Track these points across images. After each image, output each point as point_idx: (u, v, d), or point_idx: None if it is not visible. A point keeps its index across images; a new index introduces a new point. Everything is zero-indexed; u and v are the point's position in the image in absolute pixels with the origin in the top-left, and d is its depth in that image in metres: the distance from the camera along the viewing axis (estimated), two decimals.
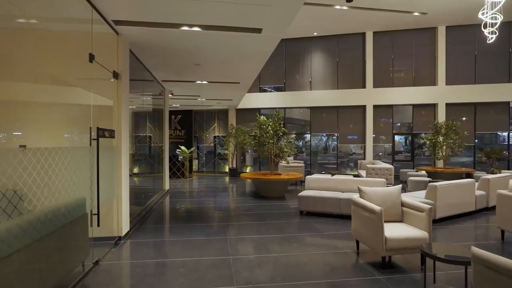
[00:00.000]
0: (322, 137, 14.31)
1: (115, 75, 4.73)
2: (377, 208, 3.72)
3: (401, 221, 4.25)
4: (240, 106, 13.91)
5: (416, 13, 11.08)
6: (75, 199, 3.33)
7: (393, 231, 3.77)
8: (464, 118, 12.45)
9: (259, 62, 6.39)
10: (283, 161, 9.17)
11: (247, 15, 4.15)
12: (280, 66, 13.90)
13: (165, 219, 6.51)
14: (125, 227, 4.97)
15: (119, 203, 4.83)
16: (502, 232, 4.95)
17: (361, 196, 4.32)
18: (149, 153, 8.47)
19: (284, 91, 14.00)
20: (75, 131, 4.08)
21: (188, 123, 14.60)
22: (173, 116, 14.35)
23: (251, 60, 6.26)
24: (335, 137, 14.40)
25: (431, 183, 5.94)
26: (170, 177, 10.45)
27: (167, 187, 9.77)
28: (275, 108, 13.94)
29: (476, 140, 12.57)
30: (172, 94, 10.08)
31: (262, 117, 9.05)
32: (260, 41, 5.03)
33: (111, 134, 4.31)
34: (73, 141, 4.03)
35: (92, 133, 3.76)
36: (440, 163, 11.79)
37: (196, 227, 5.60)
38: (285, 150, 8.91)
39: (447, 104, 12.28)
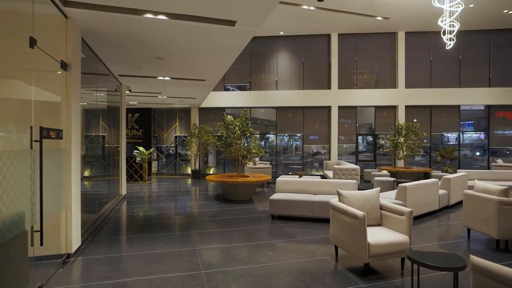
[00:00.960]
0: (284, 137, 14.22)
1: (64, 65, 4.05)
2: (359, 213, 3.53)
3: (379, 224, 4.12)
4: (203, 105, 13.35)
5: (379, 18, 11.39)
6: (9, 215, 2.68)
7: (375, 236, 3.60)
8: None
9: (229, 58, 5.99)
10: (251, 162, 8.84)
11: (221, 5, 3.75)
12: (245, 65, 13.58)
13: (123, 229, 5.85)
14: (75, 242, 4.28)
15: (69, 214, 4.15)
16: (468, 230, 5.09)
17: (340, 200, 4.12)
18: (103, 154, 7.65)
19: (250, 90, 13.71)
20: (12, 130, 3.37)
21: (146, 122, 13.69)
22: (130, 115, 13.36)
23: (221, 56, 5.83)
24: (297, 137, 14.43)
25: (401, 184, 5.98)
26: (127, 180, 9.62)
27: (124, 191, 8.96)
28: (240, 107, 13.60)
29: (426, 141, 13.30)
30: (129, 90, 9.28)
31: (229, 116, 8.64)
32: (233, 35, 4.64)
33: (58, 134, 3.65)
34: (9, 143, 3.32)
35: (35, 134, 3.11)
36: (400, 163, 12.28)
37: (159, 237, 5.05)
38: (254, 151, 8.59)
39: (406, 106, 12.83)
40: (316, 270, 3.80)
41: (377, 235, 3.63)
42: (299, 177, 10.12)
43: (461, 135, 13.27)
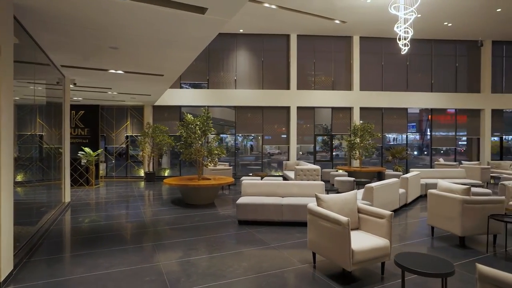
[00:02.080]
0: (238, 137, 13.90)
1: None
2: (343, 219, 3.35)
3: (357, 228, 4.00)
4: (158, 103, 12.49)
5: (337, 21, 11.64)
6: None
7: (357, 241, 3.45)
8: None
9: (194, 52, 5.49)
10: (212, 164, 8.37)
11: None
12: (203, 62, 13.00)
13: (68, 244, 5.04)
14: (6, 267, 3.49)
15: None
16: (432, 228, 5.26)
17: (319, 205, 3.91)
18: (41, 156, 6.62)
19: (208, 88, 13.17)
20: None
21: (93, 121, 12.40)
22: (73, 112, 11.97)
23: (185, 49, 5.31)
24: (251, 137, 14.24)
25: (367, 185, 6.03)
26: (71, 185, 8.51)
27: (67, 198, 7.90)
28: (197, 106, 13.02)
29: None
30: (74, 84, 8.21)
31: (189, 115, 8.08)
32: (202, 24, 4.18)
33: None
34: None
35: None
36: (355, 163, 12.72)
37: (114, 253, 4.40)
38: (216, 152, 8.14)
39: (361, 108, 13.34)
40: (296, 281, 3.55)
41: (359, 241, 3.48)
42: (261, 179, 9.93)
43: (406, 136, 14.20)
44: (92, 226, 5.86)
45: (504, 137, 14.82)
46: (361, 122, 12.60)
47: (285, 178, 11.27)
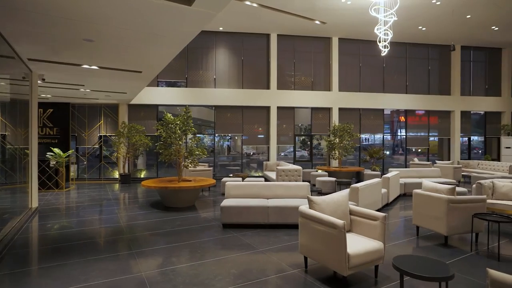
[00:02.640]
0: (215, 137, 13.60)
1: None
2: (339, 222, 3.24)
3: (349, 230, 3.93)
4: (134, 102, 11.95)
5: (317, 22, 11.67)
6: None
7: (352, 245, 3.36)
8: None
9: (176, 47, 5.20)
10: (192, 165, 8.05)
11: None
12: (181, 60, 12.61)
13: (36, 256, 4.59)
14: None
15: None
16: (417, 228, 5.31)
17: (311, 207, 3.79)
18: (3, 157, 6.07)
19: (186, 87, 12.79)
20: None
21: (63, 120, 11.66)
22: (41, 110, 11.18)
23: (167, 44, 5.01)
24: (228, 137, 14.02)
25: (353, 185, 6.01)
26: (38, 189, 7.87)
27: (35, 203, 7.31)
28: (175, 105, 12.63)
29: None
30: (43, 80, 7.61)
31: (168, 114, 7.74)
32: (188, 16, 3.93)
33: None
34: None
35: None
36: (334, 163, 12.84)
37: (91, 264, 4.05)
38: (197, 152, 7.85)
39: (339, 109, 13.49)
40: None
41: (353, 244, 3.39)
42: (242, 180, 9.74)
43: (383, 136, 14.57)
44: (64, 234, 5.41)
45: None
46: (339, 123, 12.69)
47: (266, 178, 11.15)
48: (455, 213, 4.63)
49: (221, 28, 12.56)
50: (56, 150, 9.98)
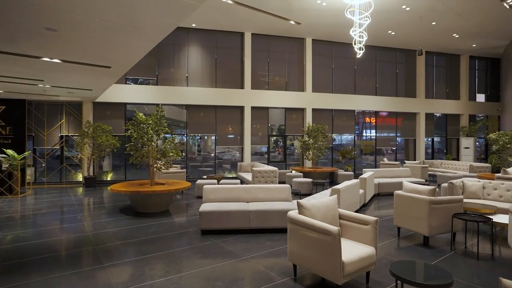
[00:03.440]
0: (187, 137, 13.11)
1: None
2: (333, 228, 3.10)
3: None
4: (100, 99, 11.17)
5: (292, 22, 11.65)
6: None
7: (345, 252, 3.23)
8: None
9: (152, 41, 4.82)
10: (165, 167, 7.59)
11: None
12: (152, 57, 11.99)
13: None
14: None
15: None
16: (398, 229, 5.36)
17: (301, 212, 3.62)
18: None
19: (157, 85, 12.20)
20: None
21: (17, 118, 10.61)
22: None
23: (142, 37, 4.61)
24: (198, 137, 13.62)
25: (334, 187, 5.96)
26: None
27: None
28: (145, 104, 12.03)
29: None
30: None
31: (140, 114, 7.25)
32: (170, 7, 3.59)
33: None
34: None
35: None
36: (308, 163, 12.90)
37: (54, 283, 3.57)
38: (171, 154, 7.43)
39: (313, 109, 13.58)
40: None
41: (346, 251, 3.27)
42: (218, 182, 9.43)
43: (354, 136, 14.92)
44: (20, 248, 4.80)
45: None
46: (314, 124, 12.76)
47: (242, 180, 10.91)
48: (436, 213, 4.70)
49: (194, 25, 12.13)
50: (10, 151, 9.02)
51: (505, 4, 10.46)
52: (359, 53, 9.43)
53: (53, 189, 10.38)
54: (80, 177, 11.51)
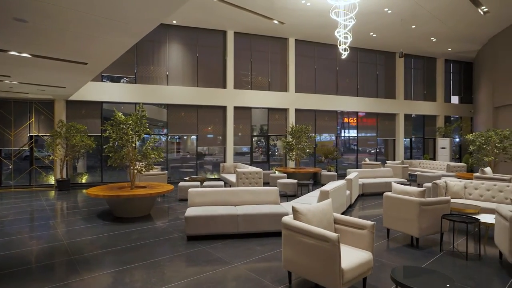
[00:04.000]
0: (167, 138, 12.70)
1: None
2: (332, 235, 2.96)
3: None
4: (73, 97, 10.57)
5: (275, 21, 11.55)
6: None
7: (343, 258, 3.11)
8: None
9: (134, 36, 4.51)
10: (146, 169, 7.22)
11: None
12: (130, 54, 11.48)
13: None
14: None
15: None
16: (388, 230, 5.35)
17: (296, 218, 3.47)
18: None
19: (135, 83, 11.71)
20: None
21: None
22: None
23: (124, 31, 4.29)
24: (176, 137, 13.25)
25: (323, 189, 5.87)
26: None
27: None
28: (123, 102, 11.53)
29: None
30: None
31: (119, 113, 6.85)
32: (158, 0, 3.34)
33: None
34: None
35: None
36: (291, 164, 12.85)
37: None
38: (152, 155, 7.09)
39: (296, 110, 13.55)
40: None
41: (344, 257, 3.15)
42: (201, 184, 9.15)
43: (336, 137, 15.06)
44: None
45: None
46: (297, 124, 12.71)
47: (225, 182, 10.67)
48: (425, 215, 4.71)
49: (174, 22, 11.75)
50: None
51: (479, 11, 10.86)
52: (344, 54, 9.46)
53: (22, 193, 9.68)
54: (52, 180, 10.83)
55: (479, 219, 4.49)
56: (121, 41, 4.68)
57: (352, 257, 3.18)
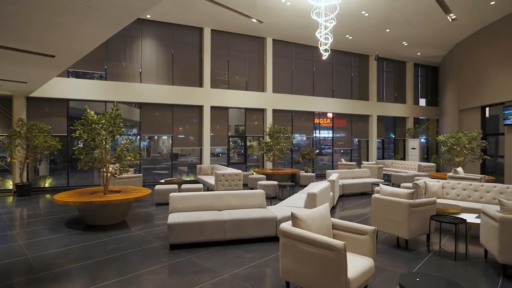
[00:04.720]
0: (140, 138, 12.10)
1: None
2: (338, 243, 2.80)
3: None
4: (35, 94, 9.69)
5: (254, 20, 11.35)
6: None
7: (348, 267, 2.97)
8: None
9: (111, 26, 4.08)
10: (120, 172, 6.70)
11: None
12: (100, 49, 10.74)
13: None
14: None
15: None
16: (376, 232, 5.31)
17: (295, 225, 3.27)
18: None
19: (106, 80, 10.99)
20: None
21: None
22: None
23: (100, 20, 3.86)
24: (147, 138, 12.70)
25: (310, 192, 5.75)
26: None
27: None
28: (93, 100, 10.75)
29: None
30: None
31: (91, 112, 6.30)
32: None
33: None
34: None
35: None
36: (269, 165, 12.72)
37: None
38: (128, 157, 6.59)
39: (273, 110, 13.44)
40: None
41: (348, 265, 3.00)
42: (178, 187, 8.72)
43: (313, 138, 15.17)
44: None
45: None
46: (276, 125, 12.59)
47: (203, 183, 10.28)
48: (414, 216, 4.72)
49: (148, 16, 11.17)
50: None
51: (448, 18, 11.37)
52: (325, 55, 9.46)
53: None
54: (10, 184, 9.85)
55: (466, 220, 4.57)
56: (97, 31, 4.22)
57: (356, 265, 3.05)
